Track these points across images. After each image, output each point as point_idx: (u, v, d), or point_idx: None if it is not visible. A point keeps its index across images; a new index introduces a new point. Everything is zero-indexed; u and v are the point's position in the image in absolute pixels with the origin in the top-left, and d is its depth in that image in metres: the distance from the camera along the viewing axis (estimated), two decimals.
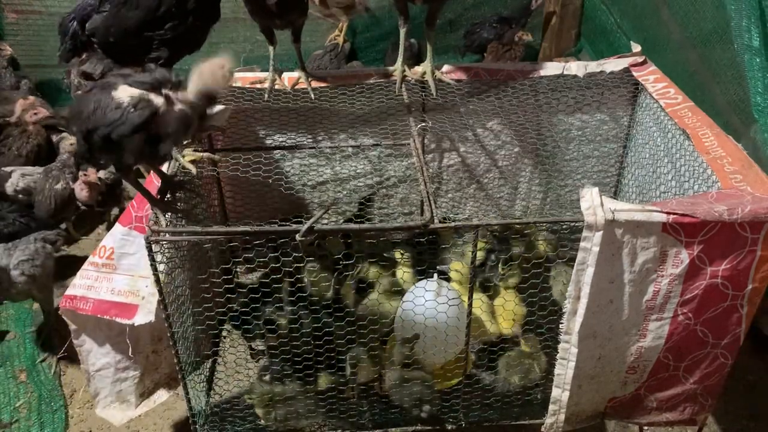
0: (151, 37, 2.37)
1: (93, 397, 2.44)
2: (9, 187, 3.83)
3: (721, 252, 1.97)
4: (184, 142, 2.33)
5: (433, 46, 2.74)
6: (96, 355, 2.36)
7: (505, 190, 3.20)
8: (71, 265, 3.77)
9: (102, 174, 3.92)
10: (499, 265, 2.80)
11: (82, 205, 3.94)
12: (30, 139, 4.18)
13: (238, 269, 3.07)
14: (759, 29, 2.41)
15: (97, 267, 2.28)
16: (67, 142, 3.99)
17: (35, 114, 4.21)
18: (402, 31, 2.71)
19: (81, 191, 3.83)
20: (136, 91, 1.83)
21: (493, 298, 2.76)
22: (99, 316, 2.23)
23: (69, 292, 2.26)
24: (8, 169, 3.90)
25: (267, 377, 2.48)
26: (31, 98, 4.38)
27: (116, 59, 2.53)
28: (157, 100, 1.84)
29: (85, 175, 3.82)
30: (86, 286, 2.26)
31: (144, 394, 2.49)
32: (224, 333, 2.80)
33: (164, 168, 2.26)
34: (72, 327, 2.30)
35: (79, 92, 4.62)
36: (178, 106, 1.86)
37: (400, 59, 2.74)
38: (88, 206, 3.95)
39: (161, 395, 2.53)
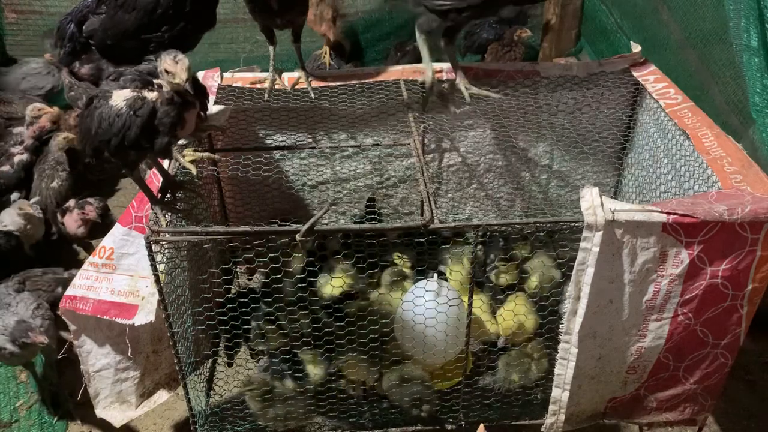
0: (148, 38, 2.36)
1: (93, 398, 2.43)
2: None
3: (721, 252, 1.97)
4: (183, 141, 2.33)
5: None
6: (96, 355, 2.36)
7: (505, 190, 3.20)
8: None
9: (94, 204, 3.76)
10: (496, 262, 2.80)
11: (71, 239, 3.81)
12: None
13: (238, 269, 3.08)
14: (757, 29, 2.41)
15: (96, 267, 2.27)
16: (60, 137, 3.94)
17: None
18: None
19: (78, 228, 3.72)
20: (129, 93, 1.85)
21: (499, 302, 2.76)
22: (99, 316, 2.23)
23: (69, 292, 2.25)
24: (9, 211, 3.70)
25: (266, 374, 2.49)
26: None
27: (114, 61, 2.53)
28: (150, 94, 1.87)
29: (82, 212, 3.70)
30: (86, 287, 2.25)
31: (144, 395, 2.49)
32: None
33: (165, 165, 2.26)
34: (72, 327, 2.30)
35: (72, 93, 4.63)
36: (170, 95, 1.89)
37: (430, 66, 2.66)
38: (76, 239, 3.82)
39: (161, 395, 2.53)
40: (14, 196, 3.86)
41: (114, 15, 2.38)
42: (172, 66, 1.84)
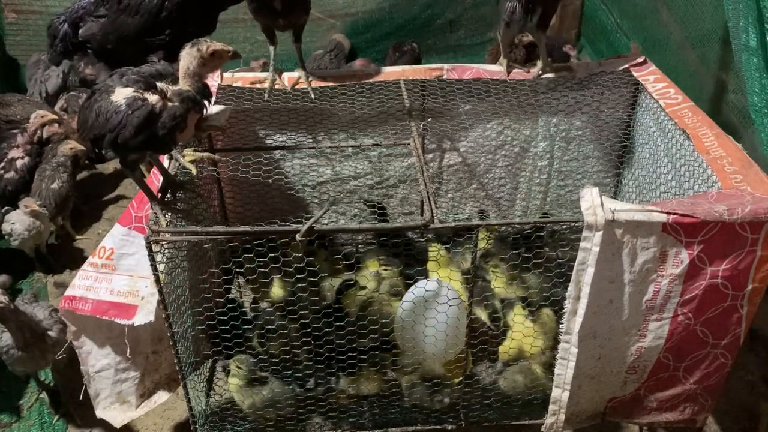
0: (150, 42, 2.36)
1: (93, 399, 2.43)
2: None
3: (721, 252, 1.97)
4: (182, 142, 2.33)
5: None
6: (96, 356, 2.35)
7: (505, 190, 3.20)
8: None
9: None
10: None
11: None
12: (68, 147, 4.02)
13: (237, 270, 3.07)
14: (756, 29, 2.40)
15: (96, 268, 2.26)
16: (67, 146, 3.96)
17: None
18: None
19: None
20: (130, 92, 1.85)
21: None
22: (98, 316, 2.22)
23: (68, 292, 2.24)
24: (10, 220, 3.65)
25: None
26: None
27: (110, 64, 2.52)
28: (152, 97, 1.87)
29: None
30: (85, 287, 2.24)
31: (144, 395, 2.48)
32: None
33: (165, 165, 2.26)
34: (71, 328, 2.29)
35: (74, 93, 4.61)
36: (173, 101, 1.89)
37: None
38: None
39: (161, 396, 2.52)
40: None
41: (116, 18, 2.37)
42: (221, 46, 1.98)
